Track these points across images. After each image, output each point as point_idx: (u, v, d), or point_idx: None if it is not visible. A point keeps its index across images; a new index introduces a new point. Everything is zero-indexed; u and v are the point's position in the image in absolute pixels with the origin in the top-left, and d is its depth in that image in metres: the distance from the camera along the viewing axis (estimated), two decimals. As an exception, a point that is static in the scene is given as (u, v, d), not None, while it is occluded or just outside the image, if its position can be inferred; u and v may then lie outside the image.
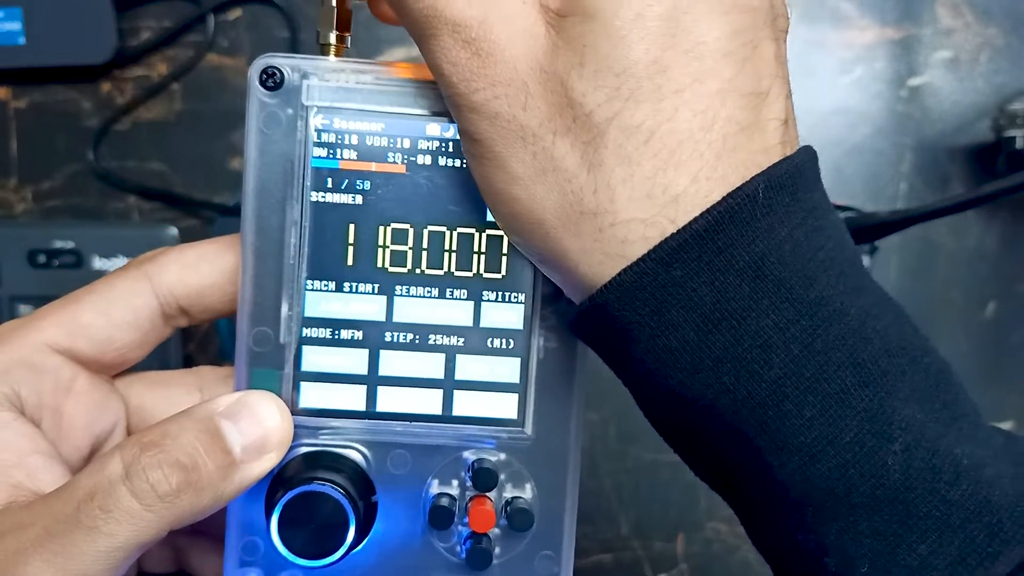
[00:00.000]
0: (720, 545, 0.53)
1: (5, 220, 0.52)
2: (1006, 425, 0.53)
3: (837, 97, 0.53)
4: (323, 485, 0.25)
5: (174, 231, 0.50)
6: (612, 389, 0.56)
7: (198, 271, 0.28)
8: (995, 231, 0.53)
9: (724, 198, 0.22)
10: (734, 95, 0.22)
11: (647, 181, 0.22)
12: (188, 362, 0.52)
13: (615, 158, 0.22)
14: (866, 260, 0.45)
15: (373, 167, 0.27)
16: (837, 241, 0.23)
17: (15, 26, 0.50)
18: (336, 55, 0.27)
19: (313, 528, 0.25)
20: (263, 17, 0.53)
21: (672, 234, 0.22)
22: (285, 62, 0.26)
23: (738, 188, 0.22)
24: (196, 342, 0.53)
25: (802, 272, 0.22)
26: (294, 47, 0.52)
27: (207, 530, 0.28)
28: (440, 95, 0.25)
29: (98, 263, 0.49)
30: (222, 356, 0.52)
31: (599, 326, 0.23)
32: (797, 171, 0.23)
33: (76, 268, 0.49)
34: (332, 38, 0.27)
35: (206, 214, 0.52)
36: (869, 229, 0.43)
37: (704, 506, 0.53)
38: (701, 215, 0.22)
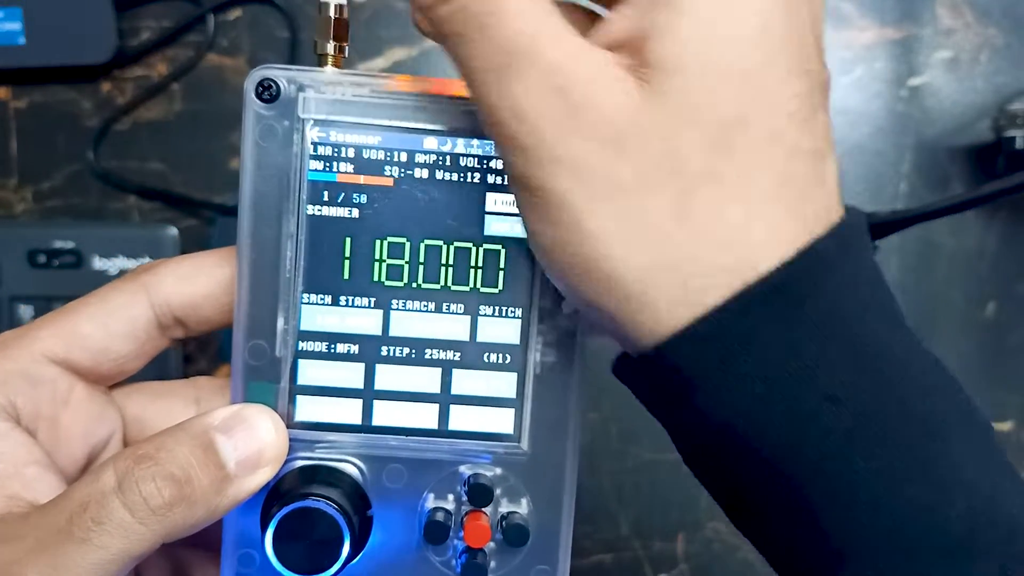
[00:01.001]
0: (720, 545, 0.53)
1: (5, 220, 0.52)
2: (1006, 425, 0.53)
3: (837, 97, 0.53)
4: (318, 501, 0.25)
5: (174, 231, 0.50)
6: (612, 388, 0.56)
7: (194, 283, 0.28)
8: (995, 231, 0.53)
9: (800, 252, 0.22)
10: (804, 154, 0.22)
11: (732, 231, 0.22)
12: (187, 361, 0.52)
13: (705, 209, 0.22)
14: (866, 260, 0.45)
15: (370, 180, 0.27)
16: (890, 295, 0.24)
17: (15, 26, 0.50)
18: (334, 65, 0.27)
19: (308, 544, 0.25)
20: (263, 17, 0.53)
21: (751, 284, 0.22)
22: (281, 74, 0.26)
23: (813, 243, 0.22)
24: (196, 342, 0.53)
25: (869, 326, 0.22)
26: (294, 47, 0.52)
27: (207, 542, 0.28)
28: (438, 109, 0.25)
29: (98, 263, 0.49)
30: (221, 356, 0.52)
31: (659, 374, 0.23)
32: (859, 229, 0.23)
33: (76, 268, 0.49)
34: (330, 48, 0.27)
35: (206, 214, 0.52)
36: (869, 229, 0.43)
37: (704, 506, 0.53)
38: (779, 267, 0.22)
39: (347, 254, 0.27)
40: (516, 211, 0.25)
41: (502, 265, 0.27)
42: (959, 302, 0.50)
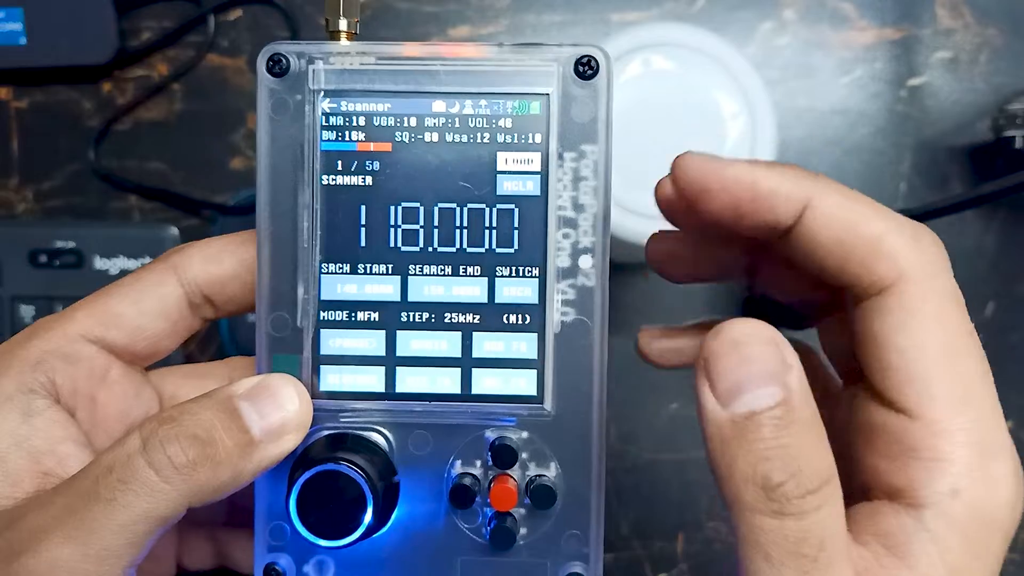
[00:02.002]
0: (720, 545, 0.53)
1: (6, 220, 0.52)
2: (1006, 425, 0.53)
3: (837, 97, 0.53)
4: (339, 464, 0.25)
5: (175, 231, 0.50)
6: (612, 388, 0.56)
7: (220, 262, 0.29)
8: (994, 231, 0.53)
9: None
10: None
11: None
12: (188, 361, 0.52)
13: None
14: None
15: (381, 147, 0.27)
16: None
17: (16, 26, 0.51)
18: (347, 40, 0.27)
19: (331, 507, 0.25)
20: (263, 17, 0.53)
21: None
22: (291, 48, 0.27)
23: None
24: (196, 342, 0.53)
25: None
26: (295, 47, 0.52)
27: (248, 523, 0.28)
28: (445, 72, 0.26)
29: (99, 263, 0.49)
30: (222, 355, 0.52)
31: None
32: None
33: (77, 268, 0.49)
34: (343, 25, 0.27)
35: (206, 214, 0.53)
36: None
37: (704, 506, 0.53)
38: None
39: (363, 222, 0.27)
40: (527, 169, 0.27)
41: (516, 224, 0.27)
42: (959, 302, 0.50)
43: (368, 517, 0.25)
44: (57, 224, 0.51)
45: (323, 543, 0.25)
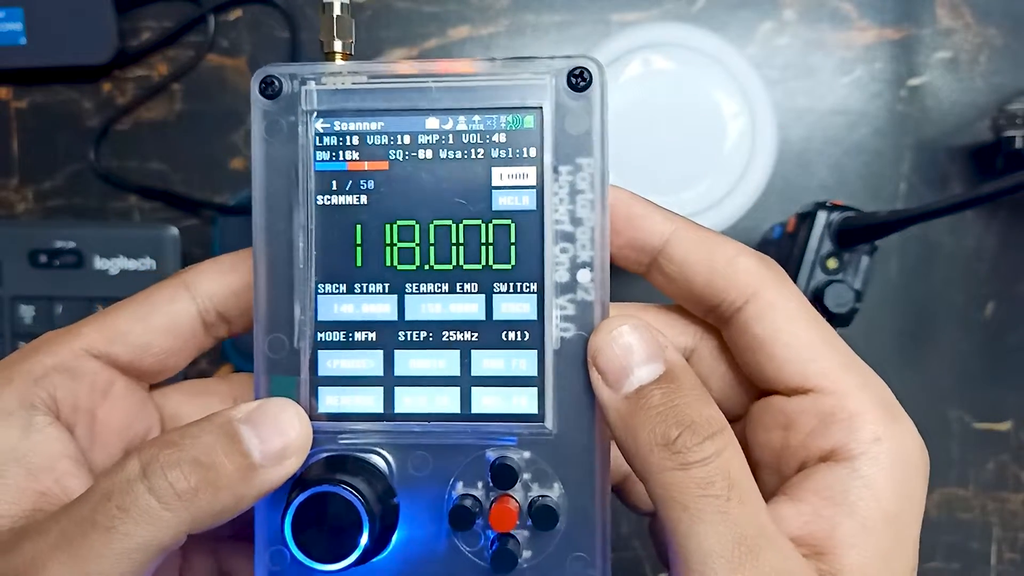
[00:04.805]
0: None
1: (6, 220, 0.52)
2: (1006, 425, 0.53)
3: (837, 97, 0.53)
4: (334, 486, 0.25)
5: (175, 231, 0.50)
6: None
7: (233, 274, 0.28)
8: (994, 231, 0.53)
9: None
10: None
11: None
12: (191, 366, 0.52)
13: None
14: (866, 260, 0.45)
15: (375, 166, 0.27)
16: None
17: (16, 26, 0.51)
18: (342, 61, 0.27)
19: (327, 530, 0.25)
20: (263, 17, 0.53)
21: None
22: (283, 70, 0.27)
23: None
24: (205, 356, 0.53)
25: None
26: (294, 47, 0.52)
27: (251, 536, 0.28)
28: (437, 89, 0.26)
29: (99, 263, 0.49)
30: (223, 357, 0.52)
31: None
32: None
33: (77, 268, 0.49)
34: (337, 46, 0.27)
35: (206, 214, 0.53)
36: (869, 229, 0.43)
37: (704, 506, 0.53)
38: None
39: (358, 241, 0.27)
40: (523, 183, 0.26)
41: (513, 240, 0.27)
42: (959, 302, 0.50)
43: (364, 540, 0.25)
44: (57, 224, 0.51)
45: (319, 567, 0.25)
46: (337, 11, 0.27)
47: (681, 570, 0.24)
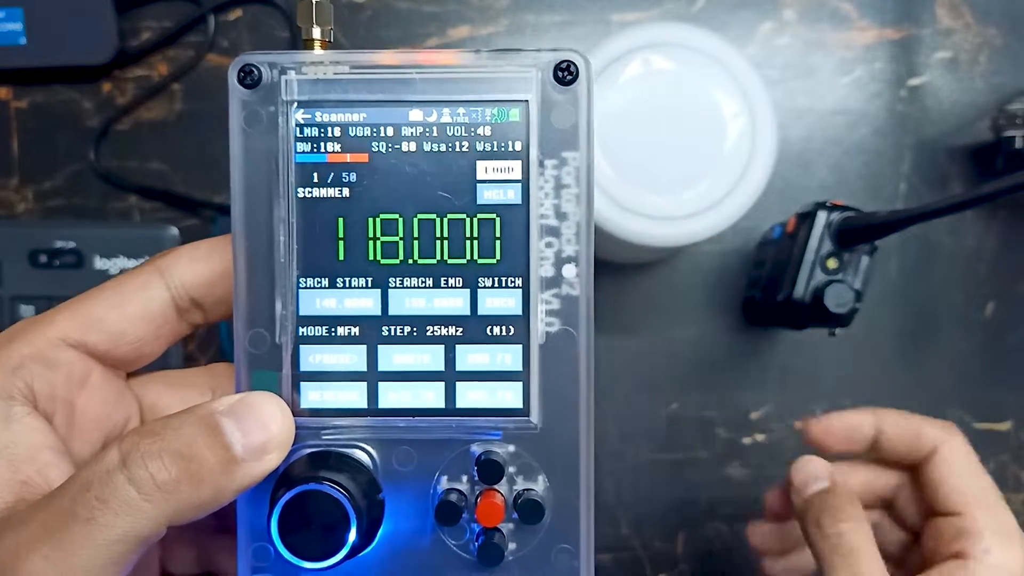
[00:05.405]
0: (720, 545, 0.53)
1: (6, 220, 0.52)
2: (1006, 425, 0.53)
3: (837, 97, 0.53)
4: (321, 484, 0.25)
5: (175, 231, 0.50)
6: (612, 389, 0.56)
7: (208, 263, 0.28)
8: (994, 231, 0.53)
9: None
10: None
11: None
12: (189, 361, 0.52)
13: None
14: (866, 260, 0.45)
15: (358, 158, 0.26)
16: None
17: (16, 26, 0.51)
18: (321, 49, 0.27)
19: (314, 529, 0.25)
20: (263, 17, 0.53)
21: None
22: (262, 59, 0.26)
23: None
24: (196, 342, 0.53)
25: None
26: (294, 47, 0.52)
27: (234, 528, 0.28)
28: (421, 80, 0.26)
29: (99, 263, 0.49)
30: (222, 356, 0.52)
31: None
32: None
33: (77, 268, 0.49)
34: (316, 33, 0.27)
35: (207, 214, 0.53)
36: (869, 229, 0.43)
37: (704, 506, 0.53)
38: None
39: (340, 235, 0.27)
40: (508, 177, 0.26)
41: (498, 234, 0.27)
42: (959, 302, 0.50)
43: (352, 538, 0.25)
44: (57, 224, 0.51)
45: (306, 565, 0.25)
46: None
47: None
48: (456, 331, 0.27)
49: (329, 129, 0.26)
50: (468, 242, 0.27)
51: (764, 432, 0.53)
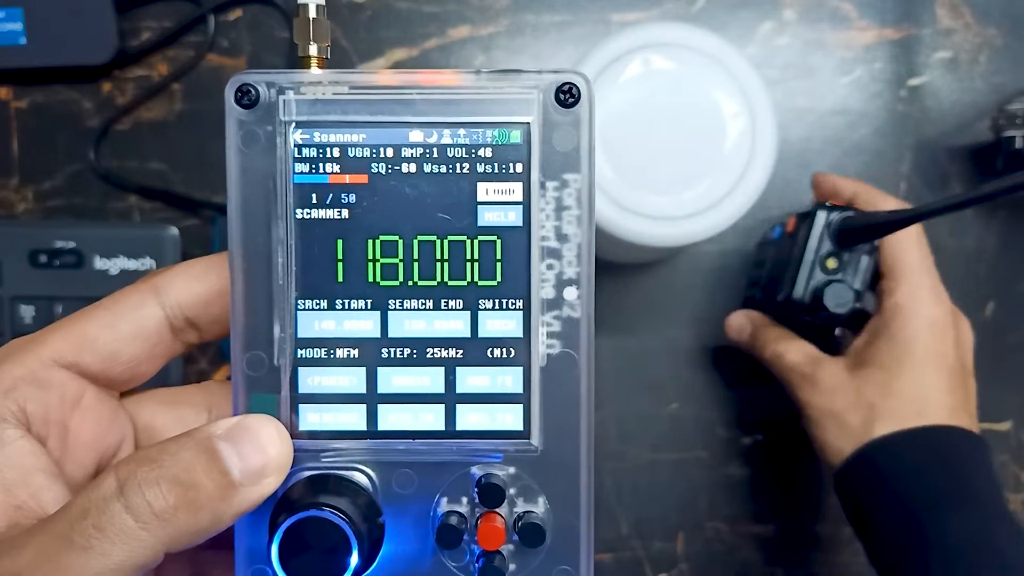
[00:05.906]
0: (720, 545, 0.53)
1: (6, 220, 0.52)
2: (1005, 425, 0.53)
3: (837, 97, 0.53)
4: (322, 510, 0.25)
5: (175, 231, 0.50)
6: (612, 390, 0.56)
7: (204, 282, 0.28)
8: (994, 231, 0.53)
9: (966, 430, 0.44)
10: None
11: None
12: (188, 361, 0.52)
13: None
14: (866, 260, 0.45)
15: (357, 179, 0.26)
16: (996, 472, 0.44)
17: (16, 26, 0.51)
18: (318, 67, 0.27)
19: (315, 555, 0.25)
20: (263, 17, 0.53)
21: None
22: (260, 78, 0.26)
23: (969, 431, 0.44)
24: (205, 356, 0.53)
25: (992, 484, 0.43)
26: (294, 47, 0.52)
27: (229, 544, 0.27)
28: (421, 101, 0.26)
29: (99, 263, 0.49)
30: (222, 356, 0.52)
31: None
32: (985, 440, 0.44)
33: (77, 268, 0.49)
34: (313, 50, 0.27)
35: (207, 214, 0.53)
36: (869, 229, 0.43)
37: (704, 506, 0.53)
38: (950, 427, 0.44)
39: (340, 256, 0.26)
40: (509, 199, 0.26)
41: (498, 256, 0.26)
42: (959, 302, 0.50)
43: (353, 563, 0.25)
44: (57, 224, 0.51)
45: None
46: (312, 13, 0.26)
47: None
48: (456, 353, 0.27)
49: (328, 150, 0.26)
50: (469, 264, 0.26)
51: (764, 432, 0.53)
